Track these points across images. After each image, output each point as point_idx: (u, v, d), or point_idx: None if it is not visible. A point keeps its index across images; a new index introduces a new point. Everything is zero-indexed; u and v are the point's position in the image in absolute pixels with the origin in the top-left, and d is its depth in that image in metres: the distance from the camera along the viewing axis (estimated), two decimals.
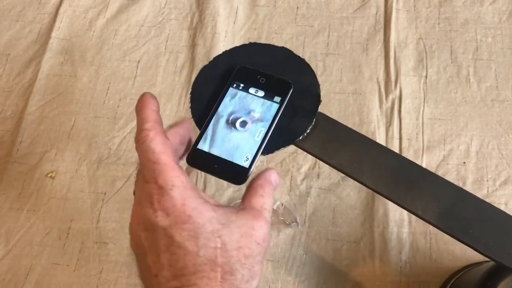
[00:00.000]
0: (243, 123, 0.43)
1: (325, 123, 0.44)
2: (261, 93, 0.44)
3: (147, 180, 0.35)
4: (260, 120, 0.43)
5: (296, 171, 0.68)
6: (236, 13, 0.81)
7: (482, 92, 0.70)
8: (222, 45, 0.77)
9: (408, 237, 0.62)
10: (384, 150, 0.43)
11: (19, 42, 0.82)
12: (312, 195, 0.66)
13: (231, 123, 0.43)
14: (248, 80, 0.45)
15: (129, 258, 0.65)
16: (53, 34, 0.81)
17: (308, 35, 0.78)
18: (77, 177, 0.70)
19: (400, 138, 0.68)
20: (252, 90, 0.44)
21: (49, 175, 0.71)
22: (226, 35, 0.79)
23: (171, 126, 0.42)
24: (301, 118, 0.44)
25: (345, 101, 0.72)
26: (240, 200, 0.48)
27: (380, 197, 0.63)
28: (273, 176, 0.39)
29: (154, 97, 0.39)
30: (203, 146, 0.42)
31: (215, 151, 0.42)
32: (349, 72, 0.74)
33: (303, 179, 0.67)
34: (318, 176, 0.67)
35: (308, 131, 0.43)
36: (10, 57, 0.81)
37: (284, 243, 0.64)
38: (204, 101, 0.46)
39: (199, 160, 0.42)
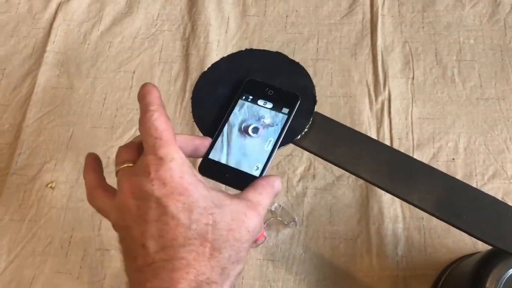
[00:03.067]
0: (255, 129, 0.45)
1: (322, 121, 0.46)
2: (269, 105, 0.46)
3: (145, 154, 0.35)
4: (271, 125, 0.45)
5: (292, 172, 0.70)
6: (228, 22, 0.83)
7: (467, 91, 0.73)
8: (215, 54, 0.79)
9: (403, 233, 0.65)
10: (379, 145, 0.46)
11: (14, 57, 0.83)
12: (309, 195, 0.68)
13: (244, 131, 0.45)
14: (256, 93, 0.47)
15: None
16: (48, 48, 0.83)
17: (298, 42, 0.80)
18: (77, 187, 0.71)
19: (391, 138, 0.71)
20: (260, 102, 0.46)
21: (49, 185, 0.72)
22: (219, 44, 0.81)
23: (190, 135, 0.43)
24: (299, 118, 0.46)
25: (336, 104, 0.74)
26: None
27: (375, 195, 0.66)
28: (276, 182, 0.40)
29: (156, 87, 0.40)
30: (215, 156, 0.44)
31: (226, 161, 0.44)
32: (339, 76, 0.77)
33: (299, 180, 0.69)
34: (314, 177, 0.69)
35: (306, 129, 0.46)
36: (5, 72, 0.82)
37: (284, 243, 0.66)
38: (206, 106, 0.48)
39: (211, 170, 0.44)
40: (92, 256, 0.67)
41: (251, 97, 0.46)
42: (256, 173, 0.43)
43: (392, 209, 0.66)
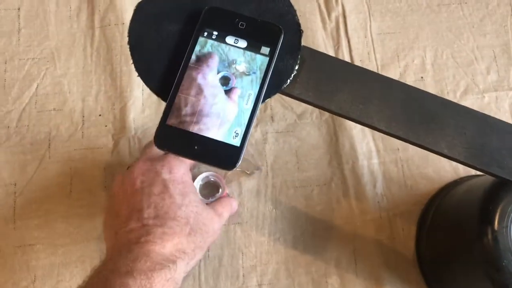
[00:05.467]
0: (225, 80, 0.32)
1: (313, 59, 0.35)
2: (242, 43, 0.33)
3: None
4: (246, 73, 0.33)
5: None
6: None
7: None
8: None
9: (380, 168, 0.57)
10: (388, 82, 0.36)
11: None
12: (270, 141, 0.58)
13: None
14: (223, 26, 0.33)
15: (67, 256, 0.53)
16: None
17: None
18: None
19: (352, 61, 0.61)
20: (229, 40, 0.33)
21: None
22: None
23: None
24: (282, 58, 0.34)
25: None
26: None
27: (344, 129, 0.57)
28: (235, 203, 0.51)
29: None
30: (175, 121, 0.32)
31: (191, 127, 0.32)
32: None
33: (256, 124, 0.58)
34: (272, 118, 0.59)
35: (294, 72, 0.34)
36: None
37: (249, 201, 0.56)
38: (151, 51, 0.34)
39: (172, 141, 0.32)
40: (11, 256, 0.52)
41: (215, 32, 0.34)
42: (236, 142, 0.32)
43: (364, 143, 0.58)
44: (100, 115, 0.58)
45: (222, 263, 0.53)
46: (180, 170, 0.43)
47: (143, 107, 0.58)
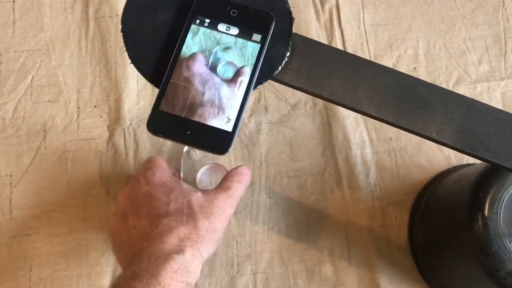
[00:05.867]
0: (222, 67, 0.33)
1: (304, 46, 0.36)
2: (234, 30, 0.34)
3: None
4: (240, 61, 0.33)
5: None
6: None
7: None
8: None
9: (373, 158, 0.58)
10: (379, 69, 0.36)
11: None
12: (264, 131, 0.58)
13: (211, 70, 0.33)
14: (215, 14, 0.34)
15: (63, 246, 0.53)
16: None
17: None
18: None
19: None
20: (222, 27, 0.34)
21: None
22: None
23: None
24: (274, 45, 0.35)
25: None
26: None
27: (337, 120, 0.58)
28: (245, 170, 0.46)
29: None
30: (167, 107, 0.32)
31: (183, 113, 0.32)
32: None
33: (250, 115, 0.59)
34: (266, 109, 0.59)
35: (286, 59, 0.35)
36: None
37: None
38: (145, 40, 0.34)
39: (165, 126, 0.32)
40: (8, 246, 0.53)
41: (207, 20, 0.34)
42: (228, 127, 0.33)
43: (357, 133, 0.59)
44: (95, 106, 0.58)
45: (217, 252, 0.54)
46: (155, 175, 0.44)
47: (138, 98, 0.59)
